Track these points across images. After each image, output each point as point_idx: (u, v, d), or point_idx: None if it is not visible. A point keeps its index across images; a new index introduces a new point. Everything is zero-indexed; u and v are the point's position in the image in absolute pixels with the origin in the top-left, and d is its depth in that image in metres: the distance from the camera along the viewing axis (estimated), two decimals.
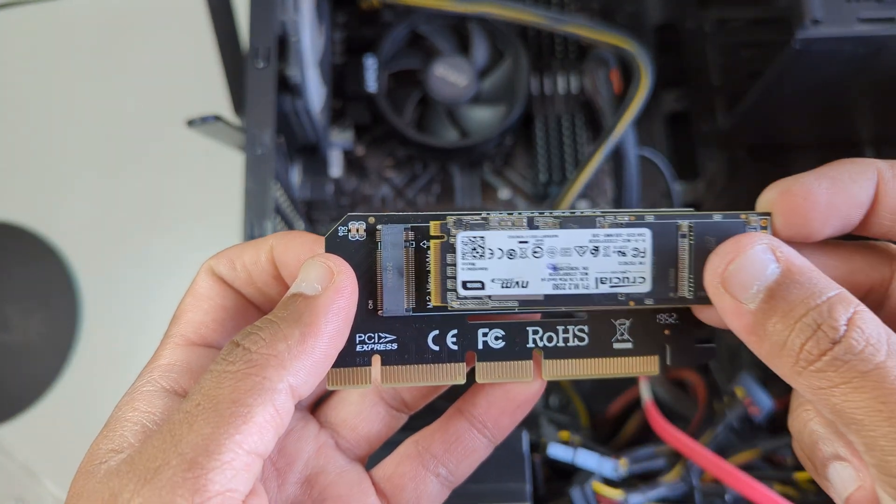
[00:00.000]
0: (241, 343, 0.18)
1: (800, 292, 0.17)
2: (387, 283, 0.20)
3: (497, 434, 0.23)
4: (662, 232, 0.20)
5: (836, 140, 0.49)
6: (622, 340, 0.22)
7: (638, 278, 0.20)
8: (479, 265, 0.20)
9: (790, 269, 0.18)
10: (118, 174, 0.60)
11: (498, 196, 0.52)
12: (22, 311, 0.57)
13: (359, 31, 0.53)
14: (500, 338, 0.21)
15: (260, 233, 0.35)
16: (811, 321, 0.16)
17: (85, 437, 0.20)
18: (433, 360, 0.21)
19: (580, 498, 0.37)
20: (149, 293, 0.57)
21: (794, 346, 0.17)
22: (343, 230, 0.20)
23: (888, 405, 0.15)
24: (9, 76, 0.62)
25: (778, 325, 0.17)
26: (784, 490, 0.36)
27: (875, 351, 0.16)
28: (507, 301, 0.20)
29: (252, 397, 0.16)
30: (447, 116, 0.51)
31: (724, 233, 0.20)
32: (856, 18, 0.35)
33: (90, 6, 0.63)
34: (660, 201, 0.51)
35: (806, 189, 0.19)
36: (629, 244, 0.20)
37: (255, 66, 0.37)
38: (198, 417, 0.16)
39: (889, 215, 0.19)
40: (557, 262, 0.20)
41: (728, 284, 0.18)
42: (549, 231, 0.20)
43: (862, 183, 0.19)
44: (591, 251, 0.20)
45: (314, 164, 0.50)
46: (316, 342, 0.18)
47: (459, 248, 0.20)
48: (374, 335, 0.21)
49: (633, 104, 0.47)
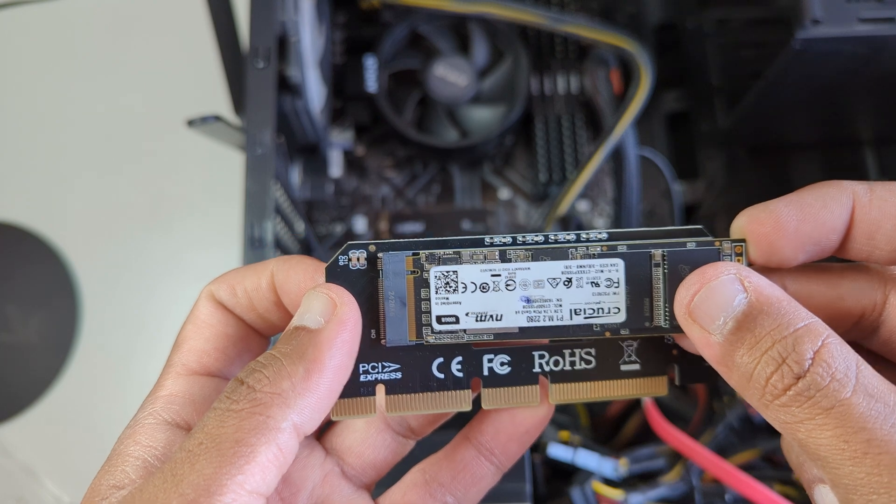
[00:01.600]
0: (245, 381, 0.17)
1: (767, 323, 0.17)
2: (389, 313, 0.20)
3: (505, 461, 0.22)
4: (635, 262, 0.20)
5: (837, 140, 0.49)
6: (630, 362, 0.21)
7: (612, 308, 0.20)
8: (453, 299, 0.20)
9: (758, 299, 0.17)
10: (118, 174, 0.60)
11: (498, 196, 0.52)
12: (22, 311, 0.57)
13: (359, 31, 0.53)
14: (505, 363, 0.21)
15: (260, 233, 0.35)
16: (776, 354, 0.16)
17: (85, 437, 0.20)
18: (438, 387, 0.21)
19: (580, 498, 0.37)
20: (149, 293, 0.57)
21: (760, 379, 0.16)
22: (343, 259, 0.20)
23: (850, 444, 0.15)
24: (9, 76, 0.62)
25: (745, 357, 0.17)
26: (784, 490, 0.36)
27: (840, 387, 0.16)
28: (481, 335, 0.20)
29: (255, 437, 0.16)
30: (447, 116, 0.51)
31: (698, 261, 0.20)
32: (856, 18, 0.35)
33: (90, 6, 0.63)
34: (660, 201, 0.51)
35: (774, 217, 0.19)
36: (602, 275, 0.20)
37: (255, 66, 0.37)
38: (200, 457, 0.16)
39: (865, 240, 0.19)
40: (531, 294, 0.20)
41: (696, 315, 0.18)
42: (522, 264, 0.20)
43: (833, 208, 0.19)
44: (564, 283, 0.20)
45: (314, 164, 0.50)
46: (321, 378, 0.18)
47: (433, 282, 0.20)
48: (378, 364, 0.21)
49: (633, 104, 0.47)
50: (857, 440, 0.15)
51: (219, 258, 0.57)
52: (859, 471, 0.15)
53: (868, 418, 0.15)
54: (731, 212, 0.55)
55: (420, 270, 0.20)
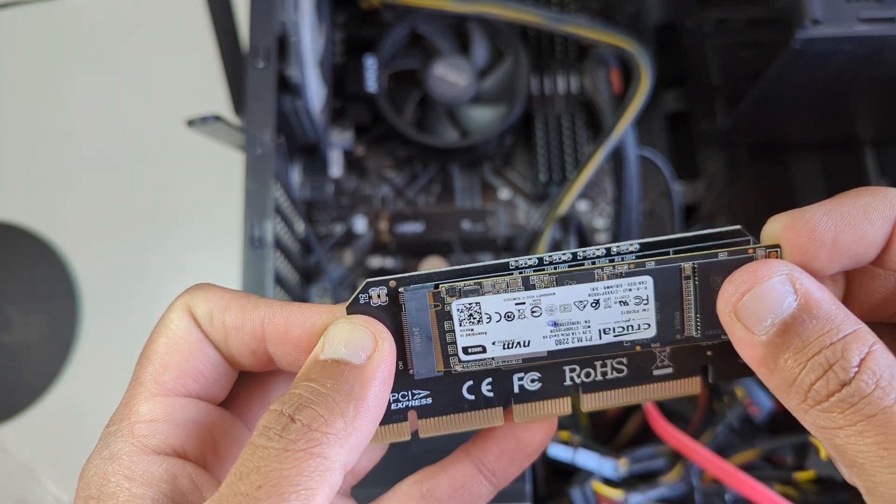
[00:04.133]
0: (296, 418, 0.16)
1: (815, 328, 0.16)
2: (415, 348, 0.20)
3: (503, 481, 0.22)
4: (665, 277, 0.19)
5: (837, 140, 0.49)
6: (663, 367, 0.21)
7: (643, 325, 0.20)
8: (478, 330, 0.20)
9: (808, 302, 0.17)
10: (118, 174, 0.60)
11: (498, 196, 0.52)
12: (22, 311, 0.57)
13: (359, 31, 0.53)
14: (535, 380, 0.21)
15: (260, 233, 0.35)
16: (823, 360, 0.16)
17: (85, 438, 0.20)
18: (470, 408, 0.21)
19: (580, 498, 0.37)
20: (149, 293, 0.57)
21: (804, 384, 0.16)
22: (364, 297, 0.20)
23: (890, 451, 0.15)
24: (9, 76, 0.62)
25: (789, 360, 0.16)
26: (784, 490, 0.36)
27: (884, 394, 0.15)
28: (510, 361, 0.20)
29: (314, 480, 0.16)
30: (447, 116, 0.51)
31: (731, 271, 0.19)
32: (856, 18, 0.35)
33: (90, 6, 0.63)
34: (660, 201, 0.51)
35: (811, 225, 0.18)
36: (630, 293, 0.20)
37: (255, 66, 0.37)
38: (262, 501, 0.15)
39: None
40: (557, 318, 0.20)
41: (741, 315, 0.18)
42: (546, 290, 0.19)
43: (875, 219, 0.18)
44: (592, 304, 0.20)
45: (314, 164, 0.50)
46: (368, 418, 0.17)
47: (455, 315, 0.20)
48: (408, 393, 0.21)
49: (633, 104, 0.47)
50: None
51: (219, 258, 0.57)
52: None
53: None
54: (732, 212, 0.55)
55: (441, 304, 0.20)
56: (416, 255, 0.50)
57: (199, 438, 0.19)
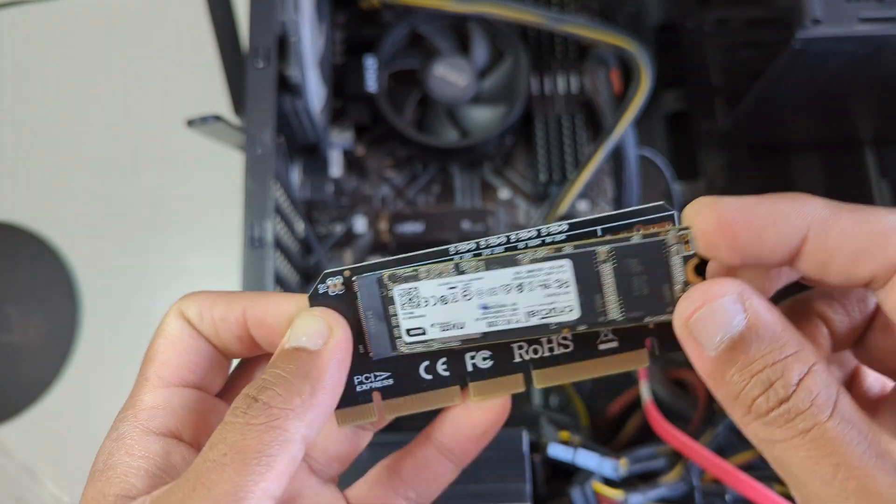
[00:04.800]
0: (258, 398, 0.19)
1: (760, 347, 0.17)
2: (370, 331, 0.22)
3: (463, 459, 0.24)
4: (582, 261, 0.20)
5: (837, 140, 0.49)
6: (607, 341, 0.22)
7: (566, 308, 0.21)
8: (418, 313, 0.21)
9: (755, 322, 0.18)
10: (118, 174, 0.60)
11: (498, 196, 0.52)
12: (22, 311, 0.57)
13: (359, 31, 0.53)
14: (487, 358, 0.22)
15: (260, 233, 0.35)
16: (766, 378, 0.17)
17: (85, 438, 0.21)
18: (429, 387, 0.23)
19: (580, 498, 0.37)
20: (149, 293, 0.57)
21: (748, 398, 0.17)
22: (322, 287, 0.22)
23: (821, 466, 0.16)
24: (9, 76, 0.62)
25: (735, 376, 0.17)
26: (784, 490, 0.36)
27: (819, 412, 0.16)
28: (449, 342, 0.21)
29: (274, 448, 0.18)
30: (447, 116, 0.51)
31: (645, 255, 0.20)
32: (856, 18, 0.35)
33: (90, 6, 0.63)
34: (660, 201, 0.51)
35: (718, 214, 0.19)
36: (551, 277, 0.21)
37: (255, 66, 0.37)
38: (227, 466, 0.18)
39: (817, 267, 0.18)
40: (487, 301, 0.21)
41: (693, 329, 0.18)
42: (475, 274, 0.21)
43: (783, 229, 0.18)
44: (517, 288, 0.21)
45: (314, 164, 0.50)
46: (325, 395, 0.20)
47: (397, 300, 0.22)
48: (371, 375, 0.22)
49: (633, 104, 0.47)
50: (828, 463, 0.16)
51: (219, 258, 0.57)
52: (827, 492, 0.16)
53: (840, 443, 0.16)
54: None
55: (386, 290, 0.22)
56: None
57: (194, 423, 0.22)
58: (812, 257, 0.18)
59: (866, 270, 0.18)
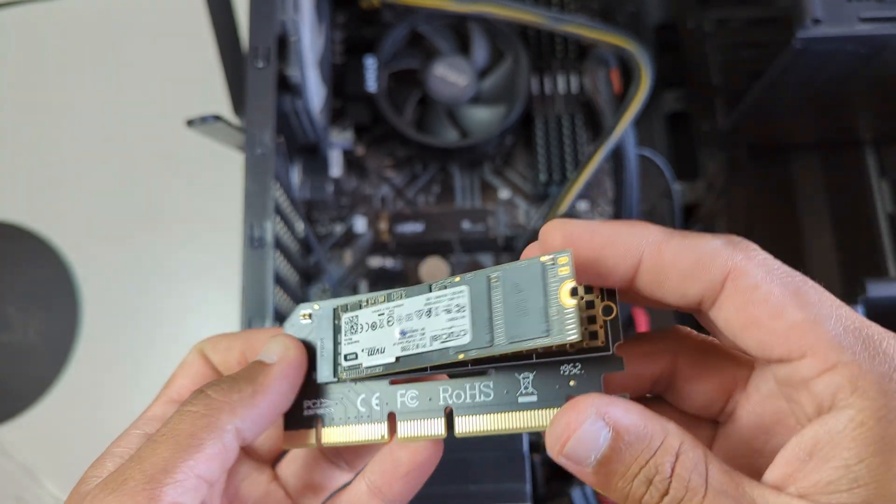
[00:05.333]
0: (204, 390, 0.22)
1: (631, 453, 0.18)
2: (318, 355, 0.24)
3: (394, 499, 0.24)
4: (476, 285, 0.21)
5: (837, 140, 0.49)
6: (527, 394, 0.21)
7: (461, 332, 0.21)
8: (354, 339, 0.23)
9: (619, 432, 0.19)
10: (118, 174, 0.60)
11: (498, 196, 0.52)
12: (22, 311, 0.57)
13: (359, 31, 0.53)
14: (414, 397, 0.23)
15: (260, 233, 0.35)
16: (644, 478, 0.18)
17: (85, 438, 0.21)
18: (361, 420, 0.23)
19: (580, 498, 0.37)
20: (149, 293, 0.57)
21: (636, 497, 0.19)
22: (294, 318, 0.24)
23: None
24: (9, 76, 0.62)
25: (619, 483, 0.19)
26: None
27: (693, 495, 0.18)
28: (374, 368, 0.22)
29: (205, 433, 0.20)
30: (447, 116, 0.51)
31: (527, 277, 0.20)
32: (856, 18, 0.35)
33: (90, 6, 0.63)
34: (660, 201, 0.51)
35: (564, 235, 0.20)
36: (452, 302, 0.21)
37: (255, 66, 0.37)
38: (160, 444, 0.20)
39: (654, 286, 0.20)
40: (404, 327, 0.22)
41: (568, 457, 0.19)
42: (398, 301, 0.22)
43: (619, 250, 0.20)
44: (426, 313, 0.22)
45: (314, 164, 0.50)
46: (263, 398, 0.22)
47: (343, 327, 0.23)
48: (317, 401, 0.24)
49: (633, 104, 0.47)
50: None
51: (219, 258, 0.57)
52: None
53: None
54: (732, 212, 0.55)
55: (338, 318, 0.24)
56: (415, 254, 0.50)
57: None
58: (647, 277, 0.20)
59: (695, 290, 0.19)
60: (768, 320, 0.18)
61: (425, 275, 0.49)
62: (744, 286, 0.18)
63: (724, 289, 0.19)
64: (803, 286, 0.18)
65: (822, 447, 0.17)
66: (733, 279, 0.19)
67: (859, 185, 0.48)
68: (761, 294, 0.18)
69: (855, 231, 0.48)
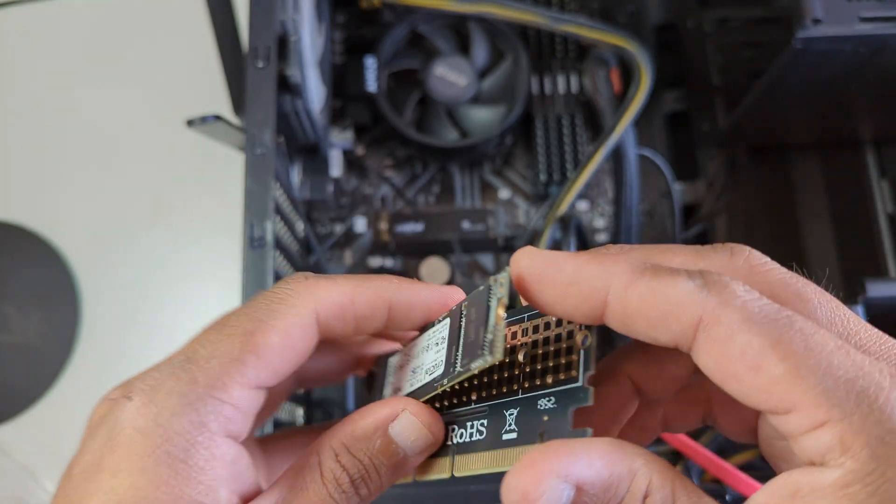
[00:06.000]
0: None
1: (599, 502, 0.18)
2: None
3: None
4: (454, 317, 0.21)
5: (837, 140, 0.49)
6: (510, 431, 0.20)
7: (439, 363, 0.21)
8: (390, 380, 0.24)
9: (582, 487, 0.18)
10: (118, 174, 0.60)
11: (498, 196, 0.52)
12: (22, 311, 0.57)
13: (359, 31, 0.53)
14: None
15: (260, 233, 0.35)
16: None
17: None
18: None
19: None
20: (149, 293, 0.57)
21: None
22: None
23: None
24: (8, 76, 0.62)
25: None
26: None
27: None
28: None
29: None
30: (447, 116, 0.51)
31: (477, 302, 0.20)
32: (857, 18, 0.35)
33: (90, 6, 0.63)
34: (660, 201, 0.51)
35: (535, 268, 0.19)
36: (439, 334, 0.22)
37: (255, 66, 0.37)
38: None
39: (623, 329, 0.19)
40: (414, 364, 0.23)
41: None
42: (415, 341, 0.23)
43: (583, 292, 0.19)
44: (425, 349, 0.22)
45: (314, 164, 0.50)
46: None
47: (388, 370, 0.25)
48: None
49: (633, 104, 0.47)
50: None
51: (219, 258, 0.57)
52: None
53: None
54: (732, 212, 0.55)
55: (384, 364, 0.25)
56: (416, 255, 0.50)
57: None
58: (614, 320, 0.18)
59: (666, 336, 0.18)
60: (747, 374, 0.16)
61: (425, 275, 0.49)
62: (717, 337, 0.17)
63: (697, 339, 0.17)
64: (787, 332, 0.16)
65: (806, 495, 0.16)
66: (705, 329, 0.17)
67: (859, 186, 0.48)
68: (737, 346, 0.16)
69: (855, 231, 0.48)
